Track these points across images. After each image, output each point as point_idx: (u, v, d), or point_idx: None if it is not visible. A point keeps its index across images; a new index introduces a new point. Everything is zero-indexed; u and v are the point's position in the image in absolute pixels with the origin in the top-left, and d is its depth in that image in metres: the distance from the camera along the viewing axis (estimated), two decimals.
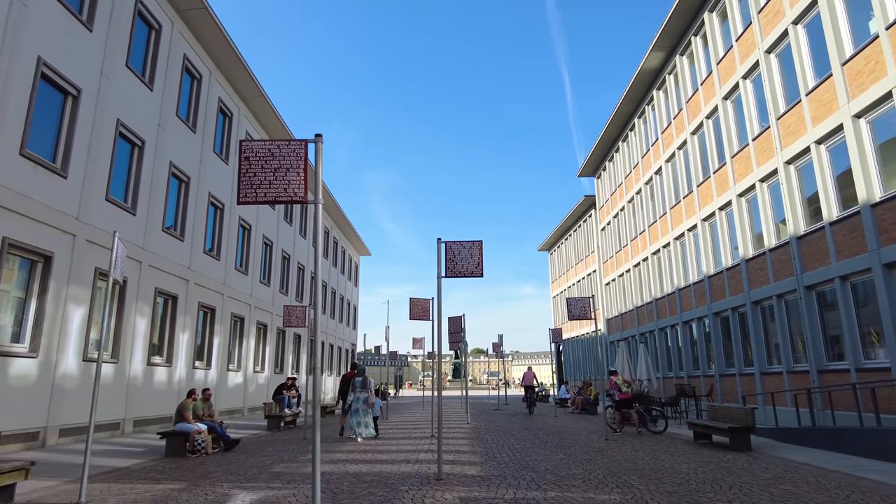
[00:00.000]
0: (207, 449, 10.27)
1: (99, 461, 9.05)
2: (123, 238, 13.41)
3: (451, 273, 7.74)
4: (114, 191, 13.33)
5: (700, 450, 10.27)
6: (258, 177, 4.34)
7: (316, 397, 3.97)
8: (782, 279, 14.32)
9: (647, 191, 24.98)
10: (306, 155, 4.38)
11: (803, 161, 13.63)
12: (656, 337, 23.85)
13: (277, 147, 4.40)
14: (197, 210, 17.53)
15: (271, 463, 9.02)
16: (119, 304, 13.50)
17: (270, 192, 4.31)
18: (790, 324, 14.32)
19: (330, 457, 9.64)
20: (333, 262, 36.33)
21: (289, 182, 4.32)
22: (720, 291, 17.95)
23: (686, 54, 20.63)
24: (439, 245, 7.82)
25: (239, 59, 18.96)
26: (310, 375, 27.43)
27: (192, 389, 10.86)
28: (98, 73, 12.72)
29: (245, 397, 20.95)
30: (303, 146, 4.40)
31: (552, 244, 46.23)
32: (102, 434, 12.45)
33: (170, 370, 15.69)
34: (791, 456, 9.34)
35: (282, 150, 4.39)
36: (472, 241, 7.81)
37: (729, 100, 17.37)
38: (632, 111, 26.27)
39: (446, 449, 10.42)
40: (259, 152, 4.39)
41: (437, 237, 7.92)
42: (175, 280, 16.10)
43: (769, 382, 14.99)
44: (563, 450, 10.34)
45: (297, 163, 4.36)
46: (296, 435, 13.43)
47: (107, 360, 12.87)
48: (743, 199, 16.68)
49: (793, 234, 13.77)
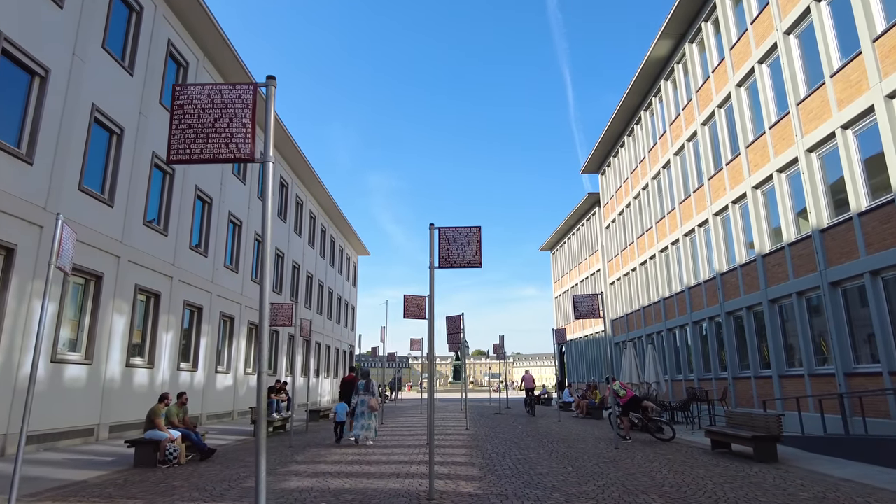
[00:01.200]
0: (180, 459, 9.37)
1: (56, 473, 8.16)
2: (97, 230, 12.61)
3: (445, 263, 6.83)
4: (88, 180, 12.44)
5: (721, 461, 9.34)
6: (194, 129, 3.43)
7: (261, 409, 3.06)
8: (803, 275, 13.38)
9: (654, 186, 24.05)
10: (255, 102, 3.48)
11: (827, 148, 12.69)
12: (664, 338, 22.89)
13: (219, 92, 3.49)
14: (182, 204, 16.65)
15: (246, 476, 8.11)
16: (94, 301, 12.63)
17: (208, 148, 3.41)
18: (812, 323, 13.37)
19: (314, 468, 8.74)
20: (330, 261, 35.43)
21: (231, 135, 3.42)
22: (734, 289, 17.00)
23: (696, 41, 19.71)
24: (432, 231, 6.91)
25: (228, 47, 18.09)
26: (300, 376, 26.40)
27: (164, 393, 9.96)
28: (70, 53, 11.86)
29: (235, 400, 20.04)
30: (250, 91, 3.50)
31: (554, 244, 45.28)
32: (73, 441, 11.56)
33: (151, 372, 14.79)
34: (825, 469, 8.39)
35: (224, 97, 3.49)
36: (470, 227, 6.90)
37: (743, 86, 16.44)
38: (638, 103, 25.34)
39: (442, 460, 9.50)
40: (196, 99, 3.49)
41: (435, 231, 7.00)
42: (158, 277, 15.21)
43: (789, 386, 14.03)
44: (570, 461, 9.41)
45: (244, 111, 3.45)
46: (282, 442, 12.52)
47: (79, 360, 11.98)
48: (759, 192, 15.73)
49: (815, 227, 12.83)
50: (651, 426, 13.05)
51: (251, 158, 3.41)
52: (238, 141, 3.42)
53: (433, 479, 6.61)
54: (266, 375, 3.11)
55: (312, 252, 31.18)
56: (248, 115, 3.45)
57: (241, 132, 3.43)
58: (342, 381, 15.63)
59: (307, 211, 30.35)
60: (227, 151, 3.41)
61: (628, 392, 13.19)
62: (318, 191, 30.95)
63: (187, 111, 3.46)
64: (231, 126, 3.43)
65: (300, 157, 26.56)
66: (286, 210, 26.74)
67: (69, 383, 11.62)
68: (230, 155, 3.41)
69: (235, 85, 3.50)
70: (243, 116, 3.45)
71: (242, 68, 19.13)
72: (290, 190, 27.30)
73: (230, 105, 3.47)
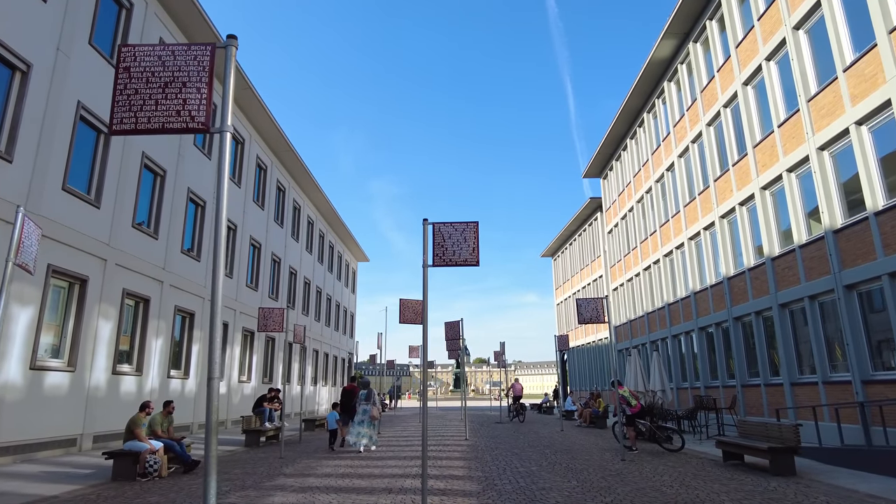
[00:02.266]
0: (161, 471, 8.85)
1: (27, 487, 7.64)
2: (82, 231, 12.14)
3: (440, 261, 6.34)
4: (73, 179, 11.99)
5: (735, 474, 8.78)
6: (141, 95, 2.96)
7: (210, 422, 2.56)
8: (816, 278, 12.86)
9: (657, 189, 23.57)
10: (212, 64, 3.00)
11: (840, 145, 12.21)
12: (669, 345, 22.32)
13: (171, 53, 3.02)
14: (174, 206, 16.19)
15: (228, 490, 7.58)
16: (79, 305, 12.14)
17: (157, 117, 2.93)
18: (825, 328, 12.84)
19: (302, 482, 8.21)
20: (329, 267, 34.93)
21: (184, 102, 2.94)
22: (742, 294, 16.47)
23: (700, 41, 19.30)
24: (426, 227, 6.43)
25: None
26: (296, 384, 25.78)
27: (145, 402, 9.44)
28: (55, 48, 11.45)
29: (228, 409, 19.49)
30: (207, 52, 3.03)
31: (556, 250, 44.76)
32: (53, 452, 11.03)
33: (140, 379, 14.28)
34: (847, 483, 7.84)
35: (177, 59, 3.01)
36: (466, 223, 6.42)
37: (750, 85, 15.99)
38: (640, 106, 24.92)
39: (438, 473, 8.96)
40: (144, 61, 3.02)
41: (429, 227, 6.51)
42: (147, 281, 14.73)
43: (801, 394, 13.47)
44: (575, 474, 8.87)
45: (199, 75, 2.98)
46: (273, 453, 11.98)
47: (62, 367, 11.48)
48: (767, 193, 15.25)
49: (828, 228, 12.33)
50: (660, 435, 12.44)
51: (206, 128, 2.93)
52: (192, 108, 2.94)
53: (427, 495, 6.08)
54: (217, 382, 2.62)
55: (310, 258, 30.70)
56: (203, 79, 2.98)
57: (195, 99, 2.95)
58: (343, 391, 15.29)
59: (305, 216, 29.90)
60: (179, 120, 2.93)
61: (638, 405, 12.43)
62: (317, 196, 30.52)
63: (134, 74, 2.99)
64: (184, 92, 2.96)
65: (298, 162, 26.15)
66: (283, 214, 26.29)
67: (50, 391, 11.11)
68: (182, 124, 2.93)
69: (190, 45, 3.03)
70: (198, 81, 2.98)
71: (238, 69, 18.75)
72: (287, 194, 26.87)
73: (184, 68, 3.00)
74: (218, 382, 2.64)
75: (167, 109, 2.93)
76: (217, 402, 2.61)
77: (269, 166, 24.46)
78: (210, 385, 2.61)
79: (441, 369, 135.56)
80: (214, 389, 2.61)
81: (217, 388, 2.63)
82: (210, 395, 2.60)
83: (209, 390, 2.60)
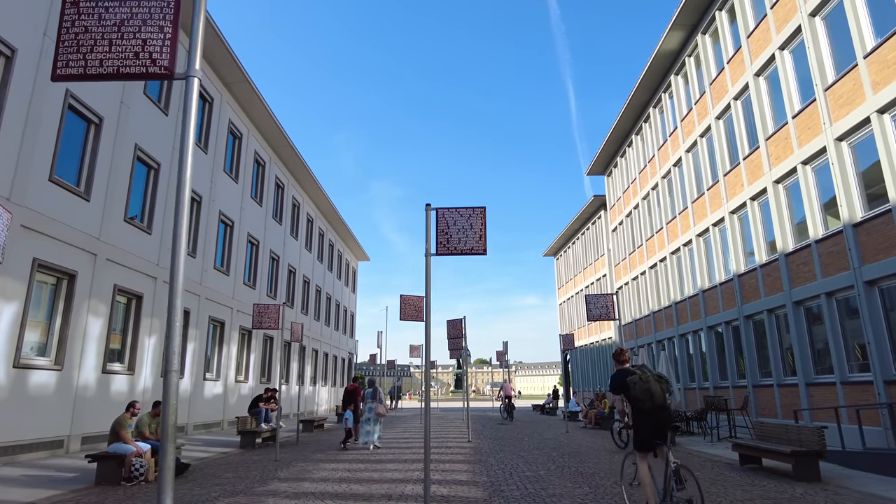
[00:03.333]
0: (148, 475, 8.37)
1: (3, 492, 7.16)
2: (71, 225, 11.64)
3: (444, 249, 5.86)
4: (60, 170, 11.52)
5: (755, 479, 8.29)
6: (92, 34, 2.47)
7: (168, 426, 2.08)
8: (833, 274, 12.36)
9: (664, 185, 23.06)
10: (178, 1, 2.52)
11: (860, 135, 11.72)
12: (676, 344, 21.81)
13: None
14: (168, 201, 15.72)
15: (218, 496, 7.10)
16: (67, 302, 11.67)
17: (111, 60, 2.45)
18: (844, 326, 12.34)
19: (296, 487, 7.72)
20: (329, 265, 34.45)
21: (144, 43, 2.45)
22: (753, 291, 15.97)
23: (709, 32, 18.81)
24: (428, 213, 5.95)
25: (219, 39, 17.24)
26: (295, 384, 25.25)
27: (132, 402, 8.97)
28: (41, 34, 10.99)
29: (225, 409, 19.02)
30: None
31: (558, 249, 44.26)
32: (38, 454, 10.56)
33: (132, 379, 13.80)
34: (879, 490, 7.34)
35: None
36: (472, 208, 5.93)
37: (762, 76, 15.50)
38: (646, 101, 24.43)
39: (441, 478, 8.47)
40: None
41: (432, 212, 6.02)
42: (140, 277, 14.26)
43: (817, 395, 12.97)
44: (585, 478, 8.38)
45: (162, 12, 2.49)
46: (269, 455, 11.50)
47: (48, 366, 11.01)
48: (780, 186, 14.75)
49: (847, 221, 11.83)
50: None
51: (169, 74, 2.45)
52: (153, 50, 2.46)
53: (430, 502, 5.60)
54: (176, 376, 2.14)
55: (310, 256, 30.22)
56: (168, 16, 2.50)
57: (157, 39, 2.47)
58: (345, 391, 15.49)
59: (304, 213, 29.42)
60: (137, 64, 2.45)
61: None
62: (316, 193, 30.04)
63: (84, 10, 2.50)
64: (144, 31, 2.48)
65: (297, 158, 25.68)
66: (282, 211, 25.82)
67: (35, 390, 10.63)
68: (140, 69, 2.45)
69: None
70: (161, 19, 2.49)
71: (235, 62, 18.28)
72: (286, 191, 26.40)
73: (144, 3, 2.51)
74: (177, 377, 2.16)
75: (123, 51, 2.45)
76: (175, 399, 2.13)
77: (268, 162, 23.99)
78: (167, 380, 2.13)
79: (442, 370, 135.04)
80: (172, 384, 2.13)
81: (175, 382, 2.14)
82: (167, 392, 2.12)
83: (166, 385, 2.12)
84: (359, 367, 43.53)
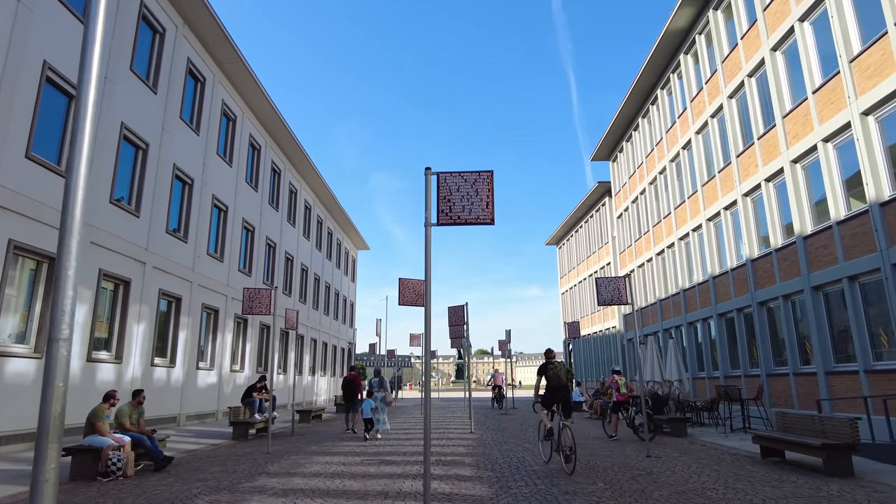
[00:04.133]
0: (126, 469, 7.76)
1: None
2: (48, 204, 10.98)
3: (445, 219, 5.19)
4: (37, 146, 10.83)
5: (782, 474, 7.67)
6: None
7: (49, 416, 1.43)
8: (856, 257, 11.69)
9: (672, 169, 22.33)
10: None
11: (888, 109, 11.00)
12: (684, 332, 21.20)
13: None
14: (158, 183, 15.05)
15: (199, 493, 6.49)
16: (46, 287, 11.04)
17: None
18: (867, 311, 11.69)
19: (285, 483, 7.11)
20: (328, 255, 33.79)
21: None
22: (768, 277, 15.30)
23: (721, 7, 18.00)
24: (428, 178, 5.27)
25: (211, 15, 16.47)
26: (293, 374, 24.62)
27: (110, 391, 8.36)
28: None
29: (219, 399, 18.44)
30: None
31: (561, 237, 43.56)
32: (17, 447, 9.98)
33: (119, 367, 13.21)
34: None
35: None
36: (479, 172, 5.26)
37: (779, 50, 14.73)
38: (653, 83, 23.63)
39: (442, 473, 7.86)
40: None
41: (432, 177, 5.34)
42: (127, 262, 13.62)
43: (837, 384, 12.35)
44: (598, 473, 7.77)
45: None
46: (260, 447, 10.92)
47: (27, 353, 10.40)
48: (798, 166, 14.04)
49: (873, 201, 11.14)
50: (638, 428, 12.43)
51: None
52: None
53: (430, 501, 4.98)
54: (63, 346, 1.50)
55: (308, 244, 29.56)
56: None
57: None
58: (344, 381, 15.30)
59: (302, 200, 28.72)
60: None
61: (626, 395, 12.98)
62: (314, 180, 29.32)
63: None
64: None
65: (294, 143, 24.94)
66: (278, 197, 25.13)
67: (13, 379, 10.03)
68: None
69: None
70: None
71: (227, 39, 17.51)
72: (282, 177, 25.70)
73: None
74: (65, 348, 1.50)
75: None
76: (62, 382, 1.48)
77: (264, 146, 23.27)
78: (50, 352, 1.48)
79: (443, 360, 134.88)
80: (59, 358, 1.48)
81: (63, 355, 1.49)
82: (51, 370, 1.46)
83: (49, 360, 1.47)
84: (358, 358, 43.05)
